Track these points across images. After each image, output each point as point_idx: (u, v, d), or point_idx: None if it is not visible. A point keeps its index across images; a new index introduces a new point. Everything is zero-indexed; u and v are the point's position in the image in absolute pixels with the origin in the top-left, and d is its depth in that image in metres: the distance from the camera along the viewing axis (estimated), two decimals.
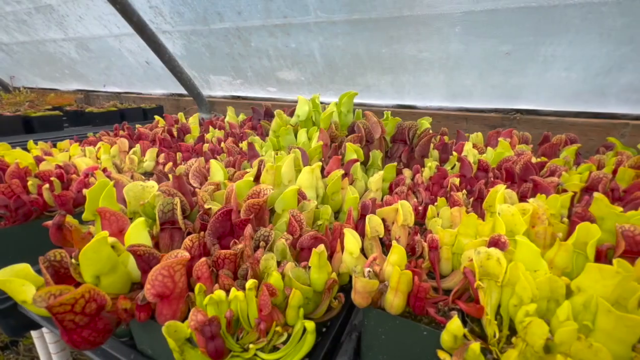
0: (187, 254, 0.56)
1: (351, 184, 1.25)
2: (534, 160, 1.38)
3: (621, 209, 0.86)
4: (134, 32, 2.27)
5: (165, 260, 0.54)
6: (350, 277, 0.70)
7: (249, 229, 0.66)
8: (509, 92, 1.77)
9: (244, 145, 1.64)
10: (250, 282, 0.53)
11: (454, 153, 1.49)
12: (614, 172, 1.20)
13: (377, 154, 1.50)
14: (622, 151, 1.41)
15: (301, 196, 0.95)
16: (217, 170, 1.02)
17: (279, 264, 0.65)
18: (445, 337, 0.54)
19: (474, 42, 1.59)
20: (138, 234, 0.64)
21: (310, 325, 0.51)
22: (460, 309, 0.64)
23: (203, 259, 0.58)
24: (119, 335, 0.74)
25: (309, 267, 0.62)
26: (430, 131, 1.85)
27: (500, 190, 0.89)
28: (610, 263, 0.59)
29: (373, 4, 1.62)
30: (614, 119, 1.73)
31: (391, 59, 1.88)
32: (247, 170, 1.09)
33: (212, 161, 1.02)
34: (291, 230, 0.77)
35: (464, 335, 0.57)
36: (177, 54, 2.61)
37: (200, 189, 0.92)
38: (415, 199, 1.14)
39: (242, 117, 2.24)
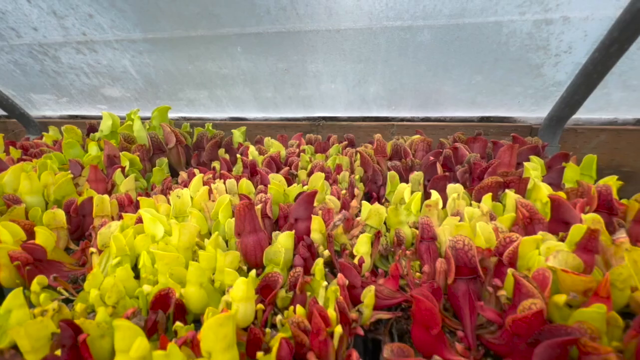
0: None
1: (112, 189, 1.35)
2: (307, 158, 1.67)
3: (298, 189, 1.14)
4: None
5: None
6: None
7: None
8: (302, 102, 2.10)
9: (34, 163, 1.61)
10: None
11: (238, 156, 1.71)
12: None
13: (162, 161, 1.64)
14: (367, 145, 1.82)
15: (12, 202, 1.01)
16: None
17: None
18: None
19: (257, 60, 1.88)
20: None
21: None
22: None
23: None
24: None
25: None
26: (241, 140, 2.08)
27: (198, 182, 1.09)
28: None
29: (161, 24, 1.79)
30: (387, 121, 2.19)
31: (199, 75, 2.07)
32: None
33: None
34: None
35: None
36: None
37: None
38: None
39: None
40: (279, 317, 0.61)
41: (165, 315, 0.61)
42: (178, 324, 0.58)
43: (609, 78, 1.51)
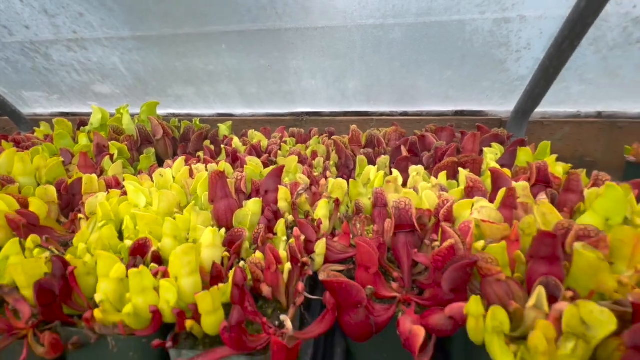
0: None
1: (101, 174, 1.46)
2: (287, 148, 1.78)
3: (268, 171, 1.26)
4: None
5: None
6: None
7: None
8: (284, 97, 2.23)
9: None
10: None
11: (222, 146, 1.82)
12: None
13: (149, 150, 1.75)
14: (345, 136, 1.94)
15: (6, 182, 1.11)
16: None
17: None
18: None
19: (240, 57, 2.00)
20: None
21: None
22: None
23: None
24: None
25: None
26: (227, 134, 2.19)
27: (180, 163, 1.20)
28: None
29: (149, 23, 1.91)
30: (367, 116, 2.32)
31: (187, 71, 2.19)
32: None
33: None
34: None
35: None
36: None
37: None
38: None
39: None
40: (241, 262, 0.72)
41: (143, 261, 0.72)
42: (153, 264, 0.69)
43: (567, 73, 1.66)
